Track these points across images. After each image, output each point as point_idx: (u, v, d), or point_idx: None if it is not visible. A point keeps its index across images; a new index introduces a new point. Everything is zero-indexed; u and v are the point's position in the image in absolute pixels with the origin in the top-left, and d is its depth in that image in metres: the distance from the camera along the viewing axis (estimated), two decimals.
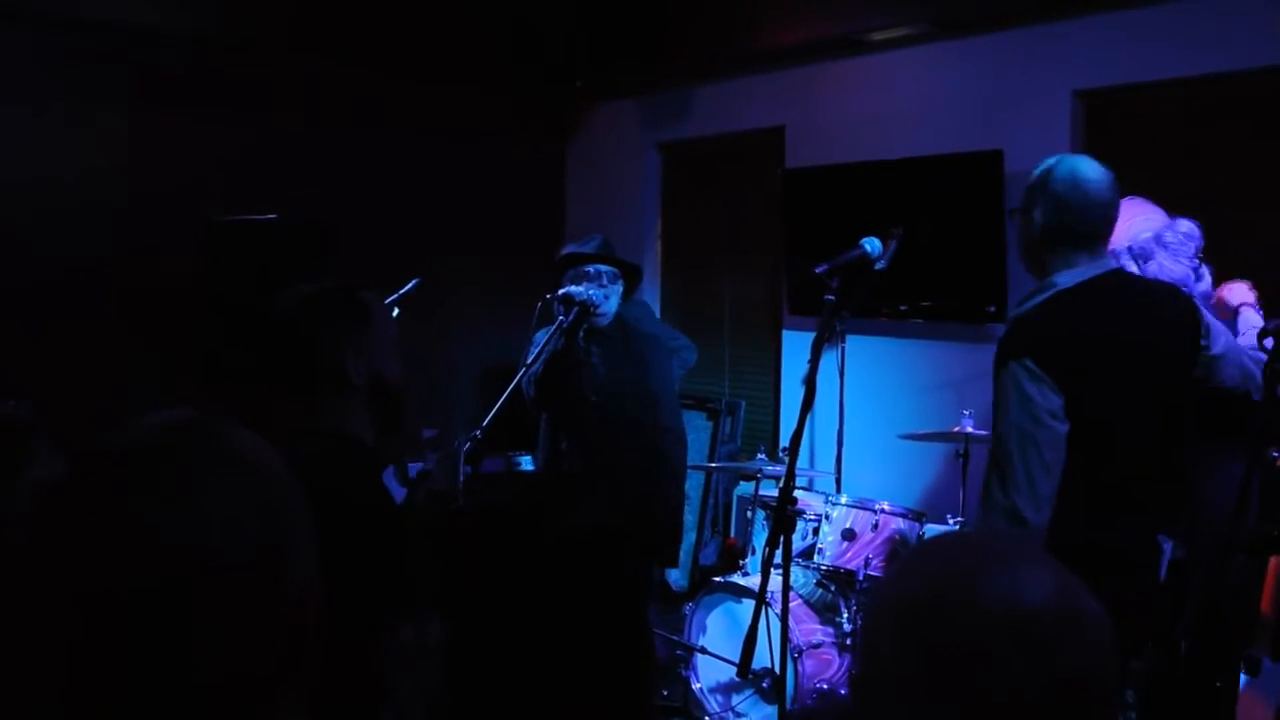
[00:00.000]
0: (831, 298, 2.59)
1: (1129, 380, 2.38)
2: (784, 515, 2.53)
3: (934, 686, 0.88)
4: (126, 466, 0.78)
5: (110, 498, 0.76)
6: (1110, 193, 2.44)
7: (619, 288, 3.73)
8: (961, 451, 4.00)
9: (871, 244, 2.68)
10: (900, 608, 0.93)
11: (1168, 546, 2.50)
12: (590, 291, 3.59)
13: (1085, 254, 2.43)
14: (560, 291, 3.60)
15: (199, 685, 0.75)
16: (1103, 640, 0.89)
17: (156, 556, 0.75)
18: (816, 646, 3.78)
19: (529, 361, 3.59)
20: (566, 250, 3.82)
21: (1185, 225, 2.96)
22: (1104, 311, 2.41)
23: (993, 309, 4.42)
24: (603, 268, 3.69)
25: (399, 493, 2.66)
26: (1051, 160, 2.49)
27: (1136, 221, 3.17)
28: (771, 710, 3.78)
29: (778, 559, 2.72)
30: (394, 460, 3.24)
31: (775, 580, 2.70)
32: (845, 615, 3.86)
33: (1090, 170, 2.44)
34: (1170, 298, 2.54)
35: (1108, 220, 2.46)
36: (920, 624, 0.90)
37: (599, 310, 3.63)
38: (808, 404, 2.54)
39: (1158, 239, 2.91)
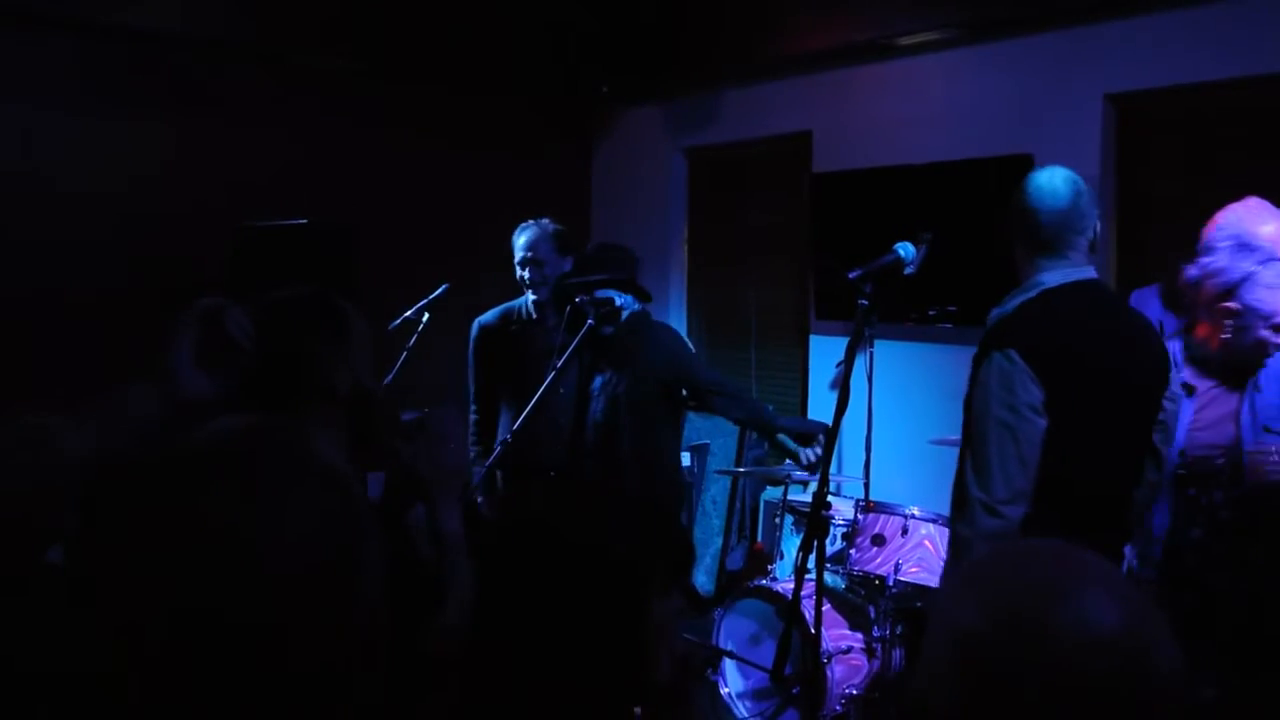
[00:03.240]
0: (865, 303, 2.58)
1: (1107, 383, 2.39)
2: (818, 520, 2.52)
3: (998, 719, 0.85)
4: (205, 467, 0.79)
5: (186, 498, 0.77)
6: (1068, 200, 2.42)
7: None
8: None
9: (905, 249, 2.68)
10: (961, 639, 0.89)
11: (1128, 552, 2.54)
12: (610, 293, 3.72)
13: (1059, 259, 2.43)
14: (598, 294, 3.67)
15: (269, 686, 0.76)
16: (1175, 670, 0.87)
17: (227, 558, 0.75)
18: (846, 652, 3.77)
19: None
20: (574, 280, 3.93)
21: None
22: (1087, 313, 2.42)
23: None
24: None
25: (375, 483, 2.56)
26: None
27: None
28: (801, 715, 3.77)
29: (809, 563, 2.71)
30: (371, 469, 3.19)
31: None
32: (874, 620, 3.84)
33: (1047, 179, 2.46)
34: (1146, 325, 2.57)
35: (1068, 227, 2.44)
36: (984, 657, 0.87)
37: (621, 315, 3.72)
38: (841, 407, 2.54)
39: None
